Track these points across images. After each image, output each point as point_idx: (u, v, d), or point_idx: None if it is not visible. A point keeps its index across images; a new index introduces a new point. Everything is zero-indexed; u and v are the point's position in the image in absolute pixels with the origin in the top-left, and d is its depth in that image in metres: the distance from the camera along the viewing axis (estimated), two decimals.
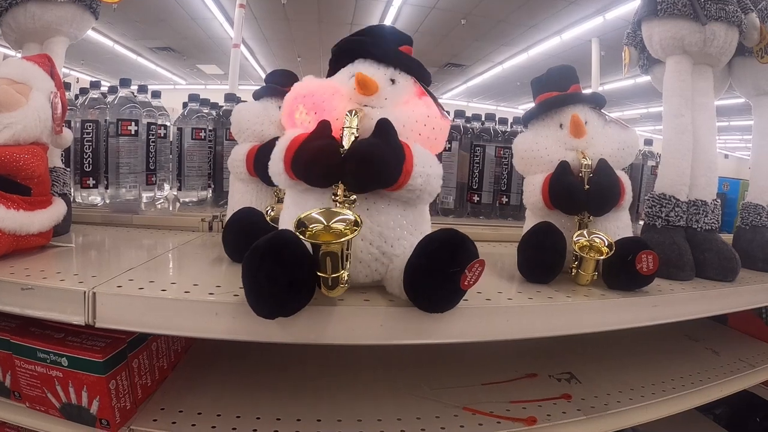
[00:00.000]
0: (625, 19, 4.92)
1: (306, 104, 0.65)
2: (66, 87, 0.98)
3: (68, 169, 1.00)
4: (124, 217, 1.09)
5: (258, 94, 0.92)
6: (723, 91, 1.12)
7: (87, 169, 1.12)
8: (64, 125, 0.86)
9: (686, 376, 1.02)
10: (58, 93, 0.84)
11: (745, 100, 1.14)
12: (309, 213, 0.56)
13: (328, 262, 0.54)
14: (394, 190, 0.61)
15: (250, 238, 0.72)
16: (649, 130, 9.35)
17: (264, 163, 0.84)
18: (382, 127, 0.61)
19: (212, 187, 1.28)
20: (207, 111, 1.27)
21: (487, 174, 1.31)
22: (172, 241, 0.95)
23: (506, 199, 1.32)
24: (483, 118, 1.39)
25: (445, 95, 10.51)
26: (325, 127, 0.61)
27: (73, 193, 1.12)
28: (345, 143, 0.59)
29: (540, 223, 0.80)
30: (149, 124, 1.16)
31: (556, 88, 0.88)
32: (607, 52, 5.88)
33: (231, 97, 1.33)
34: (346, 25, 6.27)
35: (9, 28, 0.95)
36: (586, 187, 0.78)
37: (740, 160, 11.66)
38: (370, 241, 0.62)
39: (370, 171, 0.58)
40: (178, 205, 1.25)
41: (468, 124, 1.37)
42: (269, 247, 0.53)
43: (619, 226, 0.83)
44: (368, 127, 0.62)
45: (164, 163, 1.27)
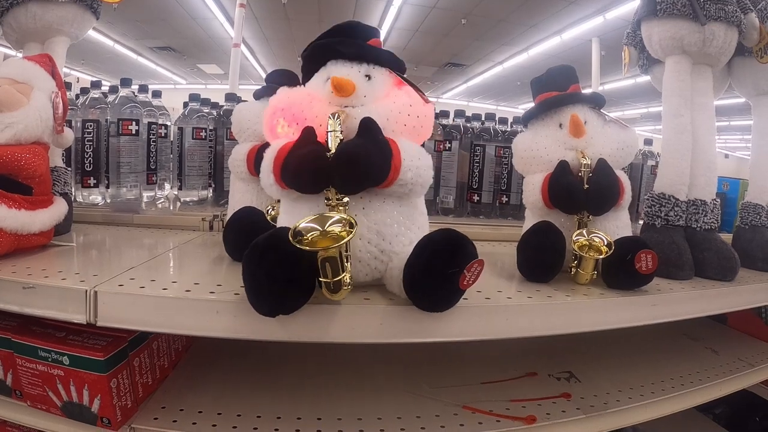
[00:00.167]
0: (625, 19, 4.92)
1: (286, 117, 0.65)
2: (66, 87, 0.98)
3: (69, 169, 1.00)
4: (125, 217, 1.09)
5: (258, 94, 0.93)
6: (722, 91, 1.13)
7: (88, 169, 1.12)
8: (65, 125, 0.87)
9: (686, 375, 1.02)
10: (59, 93, 0.84)
11: (745, 99, 1.14)
12: (302, 222, 0.56)
13: (327, 267, 0.55)
14: (386, 187, 0.61)
15: (251, 238, 0.72)
16: (649, 130, 9.34)
17: None
18: (366, 126, 0.61)
19: (213, 186, 1.29)
20: (207, 111, 1.28)
21: (487, 173, 1.31)
22: (173, 241, 0.95)
23: (506, 199, 1.32)
24: (483, 118, 1.39)
25: (446, 95, 10.52)
26: (309, 134, 0.61)
27: (74, 193, 1.12)
28: (331, 146, 0.59)
29: (539, 223, 0.80)
30: (150, 124, 1.17)
31: (556, 88, 0.88)
32: (608, 52, 5.87)
33: (231, 97, 1.34)
34: None
35: (10, 28, 0.96)
36: (586, 187, 0.79)
37: (740, 159, 11.65)
38: (369, 239, 0.62)
39: (358, 171, 0.58)
40: (178, 204, 1.26)
41: (468, 124, 1.37)
42: (268, 244, 0.54)
43: (619, 225, 0.84)
44: (353, 127, 0.61)
45: (165, 163, 1.28)
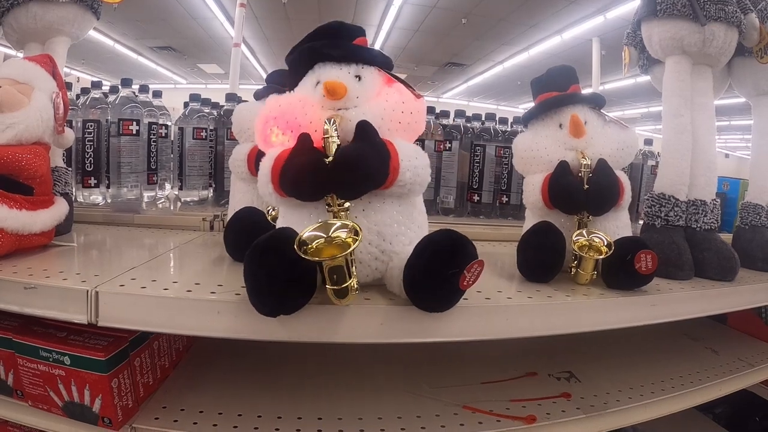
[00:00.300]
0: (625, 19, 4.91)
1: (279, 125, 0.64)
2: (67, 87, 0.98)
3: (70, 169, 1.00)
4: (126, 217, 1.09)
5: (259, 95, 0.93)
6: (723, 91, 1.13)
7: (88, 169, 1.12)
8: (65, 125, 0.87)
9: (686, 375, 1.02)
10: (60, 93, 0.84)
11: (745, 99, 1.14)
12: (306, 231, 0.56)
13: (335, 275, 0.55)
14: (386, 189, 0.61)
15: (252, 238, 0.72)
16: (649, 130, 9.33)
17: None
18: (362, 130, 0.61)
19: (213, 186, 1.29)
20: (208, 111, 1.28)
21: (488, 173, 1.31)
22: (174, 241, 0.96)
23: (506, 199, 1.32)
24: (483, 118, 1.39)
25: (446, 94, 10.51)
26: (306, 141, 0.60)
27: (74, 193, 1.12)
28: (329, 152, 0.59)
29: (540, 223, 0.80)
30: (150, 124, 1.17)
31: (556, 89, 0.88)
32: (608, 52, 5.87)
33: (232, 97, 1.34)
34: None
35: (11, 29, 0.96)
36: (586, 187, 0.79)
37: (741, 159, 11.64)
38: (369, 240, 0.62)
39: (358, 177, 0.58)
40: (179, 204, 1.26)
41: (468, 124, 1.37)
42: (269, 244, 0.54)
43: (619, 225, 0.84)
44: (348, 130, 0.61)
45: (165, 163, 1.28)
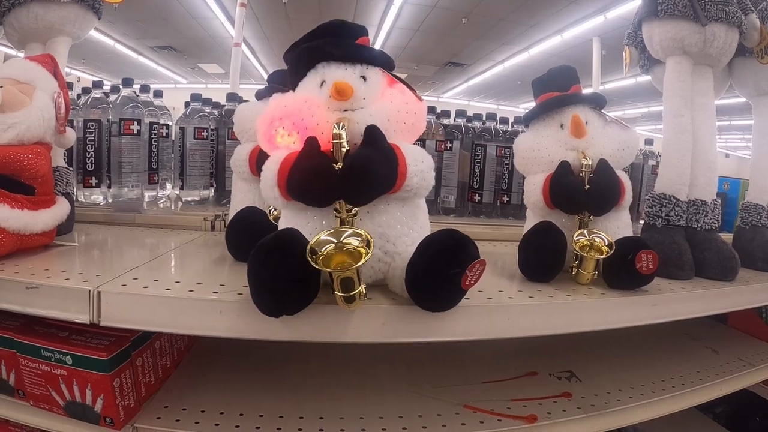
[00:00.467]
0: (625, 19, 4.91)
1: (285, 126, 0.63)
2: (68, 87, 0.98)
3: (71, 169, 1.00)
4: (127, 216, 1.09)
5: (260, 94, 0.93)
6: (723, 92, 1.13)
7: (90, 169, 1.13)
8: (67, 125, 0.87)
9: (686, 374, 1.03)
10: (62, 93, 0.84)
11: (745, 99, 1.14)
12: (317, 237, 0.56)
13: (345, 284, 0.55)
14: (393, 193, 0.62)
15: (253, 237, 0.72)
16: (650, 130, 9.33)
17: None
18: (371, 135, 0.60)
19: (214, 186, 1.29)
20: (209, 110, 1.28)
21: (488, 173, 1.31)
22: (175, 241, 0.96)
23: (507, 199, 1.32)
24: (484, 118, 1.39)
25: (446, 94, 10.51)
26: (313, 145, 0.59)
27: (76, 193, 1.13)
28: (338, 158, 0.59)
29: (541, 223, 0.80)
30: (151, 124, 1.17)
31: (557, 89, 0.88)
32: (608, 52, 5.87)
33: (233, 97, 1.34)
34: None
35: (12, 29, 0.96)
36: (587, 187, 0.79)
37: (741, 159, 11.64)
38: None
39: (368, 185, 0.58)
40: (180, 204, 1.26)
41: (469, 124, 1.37)
42: (274, 245, 0.54)
43: (620, 225, 0.84)
44: (355, 131, 0.61)
45: (166, 163, 1.28)
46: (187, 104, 1.28)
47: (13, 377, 0.71)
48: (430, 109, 1.29)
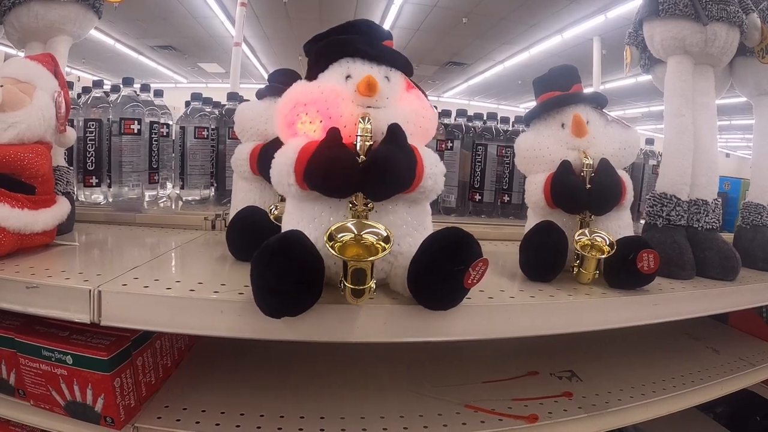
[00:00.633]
0: (626, 18, 4.92)
1: (309, 112, 0.63)
2: (68, 86, 0.98)
3: (71, 168, 1.00)
4: (127, 216, 1.09)
5: (261, 94, 0.93)
6: (724, 91, 1.13)
7: (90, 168, 1.12)
8: (67, 124, 0.87)
9: (687, 374, 1.03)
10: (62, 92, 0.84)
11: (746, 99, 1.14)
12: (344, 223, 0.57)
13: (357, 275, 0.55)
14: (407, 193, 0.62)
15: (254, 237, 0.72)
16: (650, 129, 9.33)
17: (267, 162, 0.85)
18: (394, 133, 0.60)
19: (215, 185, 1.29)
20: (209, 110, 1.28)
21: (489, 173, 1.31)
22: (175, 240, 0.96)
23: (508, 198, 1.32)
24: (485, 117, 1.39)
25: (446, 94, 10.51)
26: (336, 136, 0.59)
27: (76, 192, 1.12)
28: (360, 151, 0.59)
29: (542, 222, 0.80)
30: (152, 123, 1.17)
31: (558, 88, 0.88)
32: (609, 51, 5.87)
33: (233, 96, 1.34)
34: None
35: (12, 28, 0.96)
36: (588, 187, 0.79)
37: (742, 159, 11.64)
38: None
39: (390, 180, 0.58)
40: (180, 203, 1.26)
41: (470, 123, 1.37)
42: (279, 246, 0.53)
43: (621, 225, 0.84)
44: (376, 129, 0.61)
45: (167, 162, 1.28)
46: (188, 103, 1.28)
47: (14, 377, 0.71)
48: None
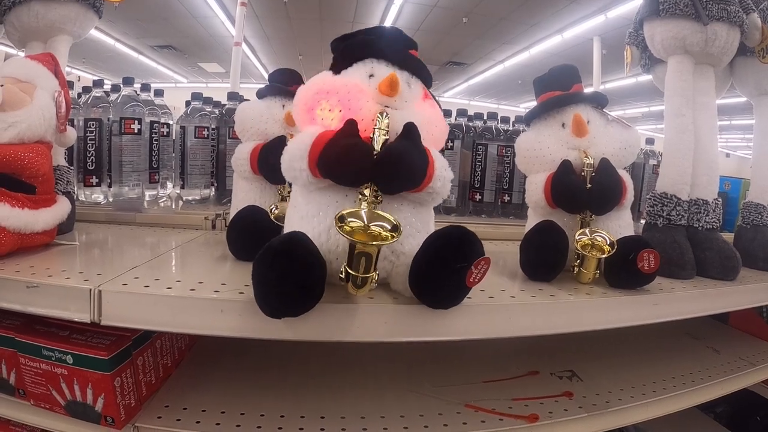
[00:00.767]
0: (626, 18, 4.91)
1: (330, 100, 0.64)
2: (68, 85, 0.98)
3: (72, 168, 1.00)
4: (128, 216, 1.09)
5: (261, 93, 0.93)
6: (725, 91, 1.13)
7: (90, 168, 1.12)
8: (67, 124, 0.87)
9: (687, 374, 1.03)
10: (62, 91, 0.84)
11: (746, 99, 1.14)
12: (353, 209, 0.57)
13: (362, 261, 0.55)
14: (415, 192, 0.63)
15: (255, 237, 0.72)
16: (650, 129, 9.33)
17: (268, 161, 0.85)
18: (410, 131, 0.62)
19: (215, 185, 1.29)
20: (210, 109, 1.28)
21: (489, 172, 1.31)
22: (176, 240, 0.96)
23: (508, 198, 1.32)
24: (485, 117, 1.39)
25: (447, 93, 10.50)
26: (352, 127, 0.61)
27: (76, 192, 1.12)
28: (376, 144, 0.60)
29: (542, 222, 0.80)
30: (152, 123, 1.17)
31: (559, 88, 0.88)
32: (609, 51, 5.87)
33: (234, 96, 1.34)
34: (348, 23, 6.26)
35: (12, 27, 0.96)
36: (588, 186, 0.79)
37: (742, 159, 11.64)
38: None
39: (403, 173, 0.59)
40: (180, 203, 1.26)
41: (470, 123, 1.37)
42: (282, 248, 0.53)
43: (621, 224, 0.84)
44: (392, 128, 0.62)
45: (167, 162, 1.28)
46: (188, 103, 1.28)
47: (14, 376, 0.71)
48: None
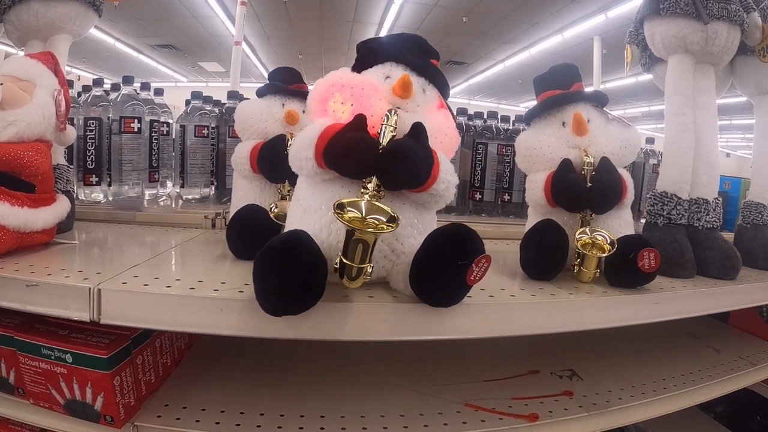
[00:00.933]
0: (626, 18, 4.91)
1: (343, 94, 0.66)
2: (68, 84, 0.98)
3: (71, 167, 1.00)
4: (127, 215, 1.09)
5: (261, 92, 0.93)
6: (725, 90, 1.13)
7: (90, 167, 1.12)
8: (67, 122, 0.87)
9: (687, 373, 1.02)
10: (62, 90, 0.84)
11: (746, 98, 1.14)
12: (353, 199, 0.58)
13: (358, 250, 0.55)
14: (419, 192, 0.63)
15: (254, 235, 0.72)
16: (650, 129, 9.33)
17: (268, 160, 0.85)
18: (418, 130, 0.62)
19: (215, 184, 1.29)
20: (210, 108, 1.28)
21: (489, 172, 1.31)
22: (175, 238, 0.95)
23: (508, 197, 1.32)
24: (485, 116, 1.39)
25: None
26: (361, 122, 0.61)
27: (76, 191, 1.12)
28: (383, 140, 0.60)
29: (542, 221, 0.80)
30: (152, 122, 1.17)
31: (559, 87, 0.88)
32: (609, 50, 5.86)
33: (234, 95, 1.34)
34: (348, 23, 6.26)
35: (12, 26, 0.96)
36: (589, 185, 0.79)
37: (742, 158, 11.64)
38: (383, 238, 0.62)
39: (407, 170, 0.60)
40: (180, 202, 1.26)
41: (470, 122, 1.37)
42: (283, 248, 0.54)
43: (621, 223, 0.84)
44: (401, 129, 0.63)
45: (167, 161, 1.28)
46: (188, 102, 1.28)
47: (13, 375, 0.71)
48: None
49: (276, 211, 0.81)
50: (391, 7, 5.72)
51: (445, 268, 0.57)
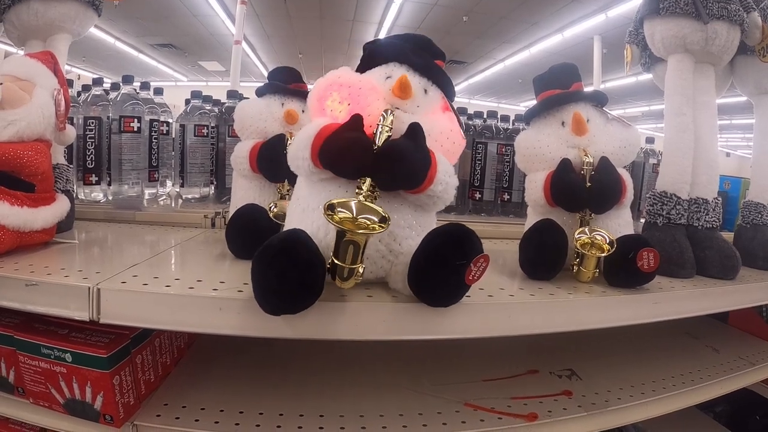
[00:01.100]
0: (627, 17, 4.91)
1: (341, 93, 0.65)
2: (68, 84, 0.98)
3: (71, 166, 1.00)
4: (127, 214, 1.09)
5: (261, 91, 0.93)
6: (725, 90, 1.13)
7: (90, 166, 1.12)
8: (67, 122, 0.87)
9: (686, 373, 1.02)
10: (62, 90, 0.84)
11: (746, 98, 1.14)
12: (344, 200, 0.57)
13: (349, 250, 0.55)
14: (415, 193, 0.62)
15: (254, 235, 0.72)
16: (650, 128, 9.32)
17: (267, 159, 0.85)
18: (414, 131, 0.62)
19: (214, 183, 1.29)
20: (209, 108, 1.28)
21: (489, 171, 1.31)
22: (175, 238, 0.96)
23: (508, 197, 1.32)
24: (485, 116, 1.39)
25: None
26: (357, 122, 0.61)
27: (76, 190, 1.12)
28: (378, 140, 0.60)
29: (542, 221, 0.80)
30: (152, 121, 1.17)
31: (559, 86, 0.88)
32: (609, 50, 5.86)
33: (233, 94, 1.34)
34: (348, 22, 6.26)
35: (12, 26, 0.96)
36: (588, 185, 0.79)
37: (742, 158, 11.64)
38: (380, 238, 0.62)
39: (402, 170, 0.59)
40: (180, 201, 1.26)
41: (470, 122, 1.37)
42: (282, 247, 0.54)
43: (621, 223, 0.84)
44: (398, 129, 0.62)
45: (166, 160, 1.28)
46: (188, 101, 1.28)
47: (13, 375, 0.71)
48: None
49: (275, 210, 0.81)
50: (391, 7, 5.71)
51: (443, 268, 0.57)
